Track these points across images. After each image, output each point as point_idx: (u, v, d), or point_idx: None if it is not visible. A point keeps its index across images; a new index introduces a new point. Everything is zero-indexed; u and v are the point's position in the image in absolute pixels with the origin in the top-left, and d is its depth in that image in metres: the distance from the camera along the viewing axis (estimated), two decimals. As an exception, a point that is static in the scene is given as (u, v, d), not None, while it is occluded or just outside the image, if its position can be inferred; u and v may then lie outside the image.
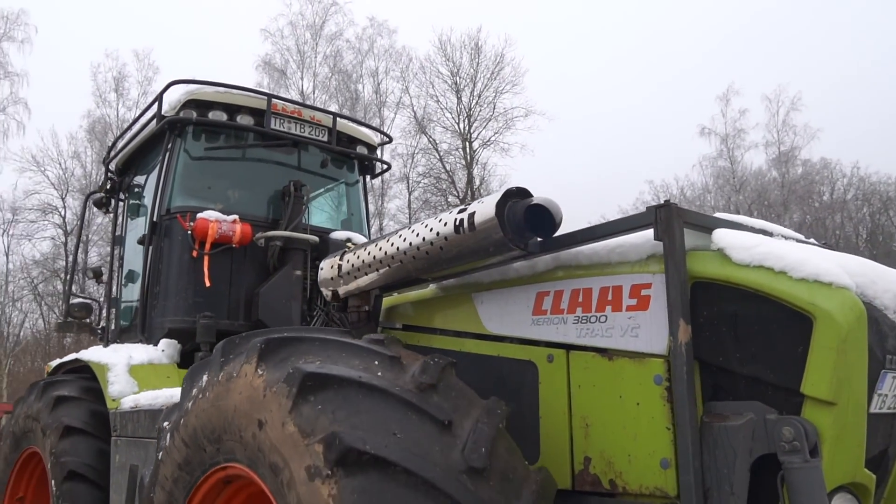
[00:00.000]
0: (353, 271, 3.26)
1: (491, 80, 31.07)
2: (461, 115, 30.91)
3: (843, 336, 2.01)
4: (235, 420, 2.42)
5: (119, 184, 5.84)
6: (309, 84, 29.97)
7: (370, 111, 30.52)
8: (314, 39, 30.26)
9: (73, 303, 5.71)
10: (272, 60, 29.83)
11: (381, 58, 31.13)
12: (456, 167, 30.72)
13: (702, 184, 36.37)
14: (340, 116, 5.53)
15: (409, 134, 30.79)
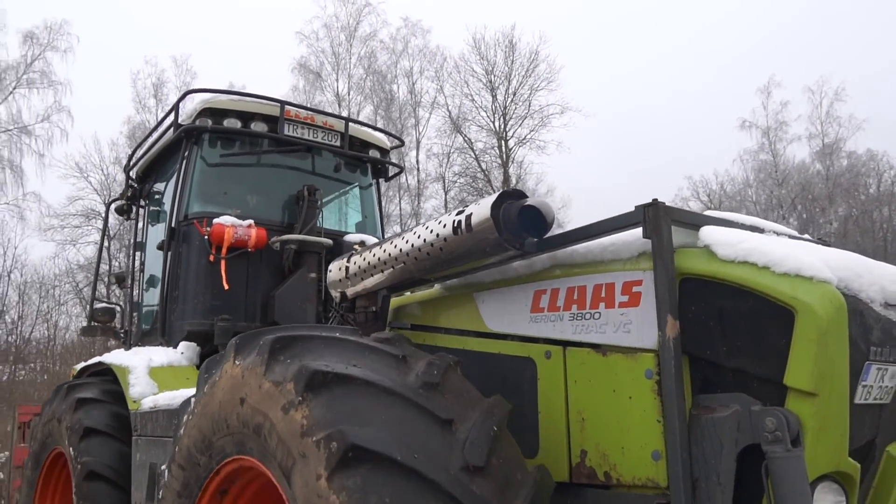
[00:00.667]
0: (360, 273, 3.35)
1: (526, 78, 30.81)
2: (496, 114, 30.77)
3: (824, 328, 2.06)
4: (248, 415, 2.52)
5: (139, 191, 5.99)
6: (344, 85, 30.10)
7: (405, 111, 30.59)
8: (348, 41, 30.31)
9: (96, 307, 5.88)
10: (307, 63, 29.99)
11: (415, 58, 31.10)
12: (492, 166, 30.63)
13: (742, 178, 35.61)
14: (352, 121, 5.64)
15: (445, 133, 30.79)
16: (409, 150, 30.24)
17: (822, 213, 33.11)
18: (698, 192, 35.11)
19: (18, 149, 25.17)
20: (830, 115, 34.01)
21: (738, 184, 35.51)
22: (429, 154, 30.79)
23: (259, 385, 2.41)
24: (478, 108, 30.74)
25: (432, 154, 30.75)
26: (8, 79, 25.01)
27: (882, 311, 2.32)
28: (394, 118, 30.11)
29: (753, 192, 35.03)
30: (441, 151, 30.68)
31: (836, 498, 2.15)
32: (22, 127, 25.19)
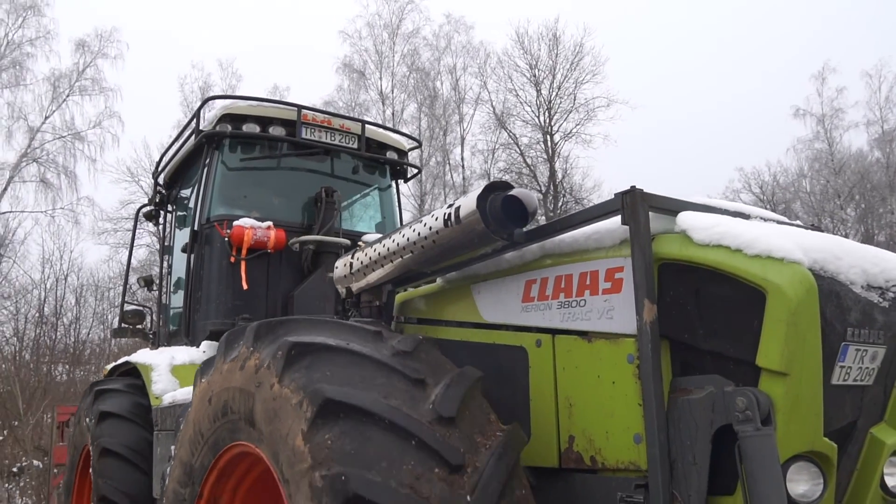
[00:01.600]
0: (363, 268, 3.44)
1: (570, 71, 30.15)
2: (541, 108, 30.19)
3: (793, 308, 2.08)
4: (238, 398, 2.66)
5: (167, 196, 6.18)
6: (388, 83, 29.95)
7: (449, 108, 30.39)
8: (391, 39, 30.25)
9: (126, 310, 6.08)
10: (351, 62, 30.01)
11: (458, 54, 30.81)
12: (537, 161, 30.10)
13: (797, 168, 34.20)
14: (368, 123, 5.74)
15: (489, 129, 30.43)
16: (454, 147, 30.23)
17: (881, 203, 31.81)
18: (750, 183, 33.93)
19: (72, 154, 25.65)
20: (890, 101, 32.11)
21: (792, 174, 34.18)
22: (473, 151, 30.54)
23: (244, 367, 2.55)
24: (522, 103, 30.30)
25: (477, 151, 30.48)
26: (62, 87, 25.57)
27: (862, 293, 2.32)
28: (437, 115, 29.96)
29: (808, 183, 33.57)
30: (486, 148, 30.38)
31: (812, 478, 2.16)
32: (75, 133, 25.67)
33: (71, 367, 14.84)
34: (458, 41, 30.76)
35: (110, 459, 4.57)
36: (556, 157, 29.50)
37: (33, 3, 25.16)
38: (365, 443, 2.18)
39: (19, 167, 24.35)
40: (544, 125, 29.85)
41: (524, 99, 30.13)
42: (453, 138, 30.31)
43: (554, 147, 29.65)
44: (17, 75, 24.91)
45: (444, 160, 29.92)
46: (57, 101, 25.45)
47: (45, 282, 21.46)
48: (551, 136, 29.74)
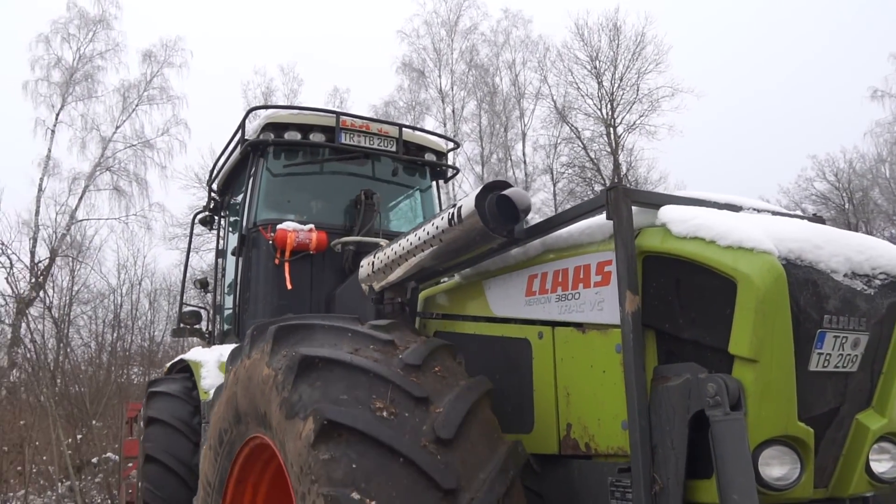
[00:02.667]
0: (384, 267, 3.61)
1: (632, 62, 29.51)
2: (603, 101, 29.60)
3: (761, 297, 2.15)
4: (256, 395, 2.85)
5: (220, 202, 6.50)
6: (447, 81, 30.00)
7: (509, 104, 30.24)
8: (449, 36, 30.27)
9: (184, 311, 6.42)
10: (410, 61, 30.19)
11: (517, 49, 30.55)
12: (601, 154, 29.60)
13: (874, 154, 32.33)
14: (406, 127, 5.91)
15: (551, 124, 30.06)
16: (515, 142, 30.03)
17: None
18: (824, 171, 32.46)
19: (142, 162, 26.62)
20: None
21: (870, 160, 32.49)
22: (535, 146, 30.21)
23: (262, 369, 2.74)
24: (584, 96, 29.76)
25: (539, 146, 30.15)
26: (131, 97, 26.64)
27: (845, 281, 2.36)
28: (497, 111, 29.86)
29: (887, 168, 31.95)
30: (547, 143, 30.01)
31: (788, 462, 2.22)
32: (145, 141, 26.65)
33: (146, 369, 15.54)
34: (516, 36, 30.60)
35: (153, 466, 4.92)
36: (620, 150, 28.91)
37: (103, 18, 26.34)
38: (360, 464, 2.29)
39: (93, 176, 25.38)
40: (607, 118, 29.26)
41: (585, 92, 29.67)
42: (514, 134, 30.16)
43: (617, 140, 29.07)
44: (90, 88, 26.06)
45: (506, 156, 29.78)
46: (127, 111, 26.50)
47: (120, 287, 22.34)
48: (614, 128, 29.16)
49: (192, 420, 5.14)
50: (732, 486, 2.05)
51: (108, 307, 20.52)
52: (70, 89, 25.50)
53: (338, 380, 2.51)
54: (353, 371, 2.54)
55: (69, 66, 25.61)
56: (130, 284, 23.30)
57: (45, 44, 25.54)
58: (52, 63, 25.50)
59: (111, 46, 26.41)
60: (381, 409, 2.44)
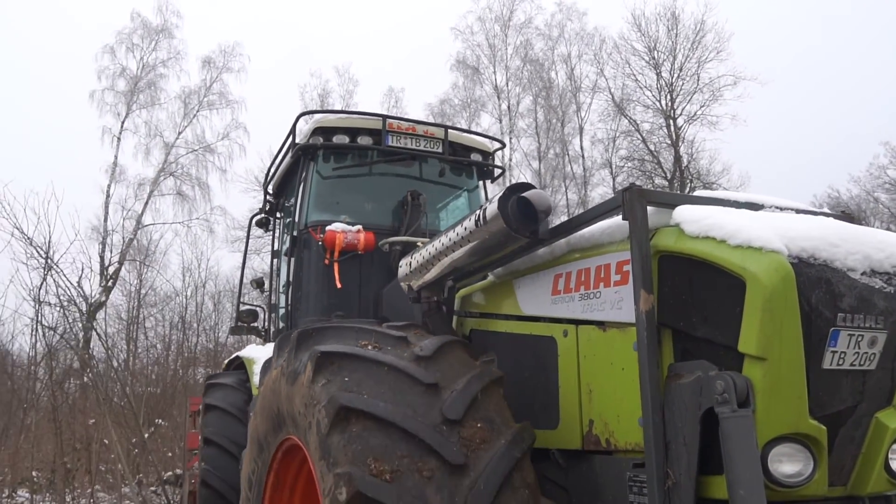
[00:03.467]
0: (420, 267, 3.72)
1: (692, 51, 28.52)
2: (662, 92, 28.77)
3: (768, 296, 2.18)
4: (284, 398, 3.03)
5: (275, 205, 6.72)
6: (502, 77, 29.73)
7: (565, 98, 29.84)
8: (503, 32, 29.99)
9: (242, 310, 6.67)
10: (464, 58, 30.02)
11: (572, 42, 30.08)
12: (661, 147, 28.80)
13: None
14: (451, 128, 6.01)
15: (609, 117, 29.47)
16: (573, 137, 29.64)
17: None
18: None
19: (204, 166, 27.34)
20: None
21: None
22: (593, 140, 29.70)
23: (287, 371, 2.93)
24: (642, 88, 29.00)
25: (597, 140, 29.63)
26: (192, 103, 27.45)
27: (862, 279, 2.36)
28: (554, 106, 29.48)
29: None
30: (606, 136, 29.46)
31: (800, 459, 2.24)
32: (206, 146, 27.37)
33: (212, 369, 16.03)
34: (571, 29, 30.09)
35: (211, 448, 5.18)
36: (681, 142, 28.07)
37: (164, 27, 27.18)
38: (373, 445, 2.44)
39: (158, 181, 26.17)
40: (666, 109, 28.46)
41: (644, 83, 28.91)
42: (571, 128, 29.69)
43: (678, 131, 28.22)
44: (153, 95, 26.92)
45: (563, 151, 29.39)
46: (188, 117, 27.25)
47: (185, 289, 22.94)
48: (674, 119, 28.33)
49: (246, 407, 5.36)
50: (739, 481, 2.09)
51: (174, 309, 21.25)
52: (134, 97, 26.42)
53: (353, 371, 2.67)
54: (367, 363, 2.69)
55: (133, 75, 26.57)
56: (195, 287, 23.93)
57: (110, 54, 26.55)
58: (117, 73, 26.50)
59: (172, 55, 27.29)
60: (393, 394, 2.58)
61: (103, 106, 26.13)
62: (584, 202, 27.78)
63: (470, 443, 2.52)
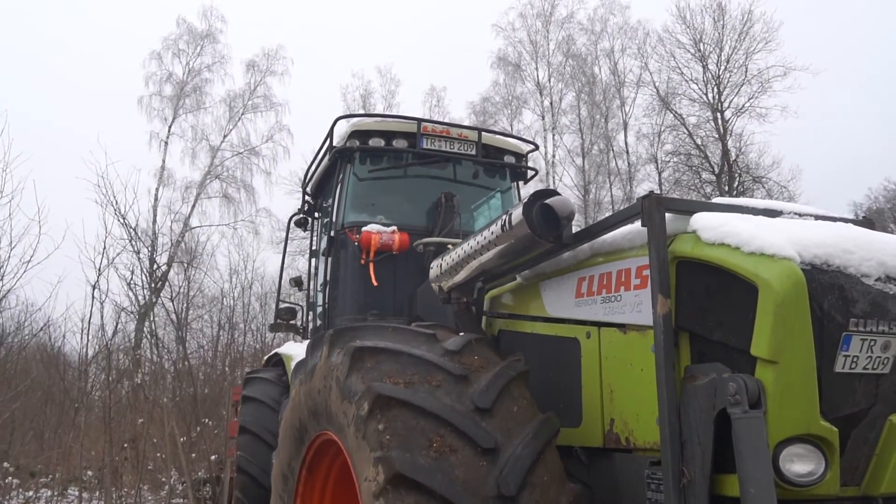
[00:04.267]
0: (450, 269, 3.83)
1: (739, 42, 27.69)
2: (709, 85, 28.06)
3: (780, 301, 2.25)
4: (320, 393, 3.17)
5: (314, 205, 6.89)
6: (544, 73, 29.57)
7: (609, 93, 29.59)
8: (545, 27, 29.83)
9: (281, 307, 6.87)
10: (506, 55, 29.93)
11: (615, 36, 29.80)
12: (708, 141, 28.13)
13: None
14: (485, 131, 6.12)
15: (654, 111, 28.98)
16: (617, 133, 29.37)
17: None
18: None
19: (249, 169, 27.83)
20: None
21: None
22: (638, 135, 29.33)
23: (322, 368, 3.07)
24: (687, 81, 28.32)
25: (641, 135, 29.24)
26: (237, 106, 27.93)
27: (876, 285, 2.41)
28: (597, 102, 29.22)
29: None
30: (651, 131, 29.01)
31: (812, 460, 2.30)
32: (250, 148, 27.84)
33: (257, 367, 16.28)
34: (614, 23, 29.81)
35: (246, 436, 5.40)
36: (728, 136, 27.34)
37: (209, 32, 27.71)
38: (409, 431, 2.59)
39: (204, 184, 26.71)
40: (713, 102, 27.79)
41: (689, 76, 28.26)
42: (615, 124, 29.41)
43: (725, 124, 27.54)
44: (198, 100, 27.47)
45: (607, 147, 29.14)
46: (233, 121, 27.71)
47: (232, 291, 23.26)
48: (721, 113, 27.62)
49: (282, 398, 5.56)
50: (750, 479, 2.17)
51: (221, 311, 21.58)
52: (181, 102, 26.95)
53: (386, 364, 2.82)
54: (399, 356, 2.84)
55: (179, 80, 27.10)
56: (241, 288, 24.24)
57: (157, 60, 27.16)
58: (163, 78, 27.07)
59: (217, 59, 27.80)
60: (427, 384, 2.74)
61: (151, 111, 26.77)
62: (630, 198, 27.41)
63: (501, 430, 2.66)
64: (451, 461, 2.55)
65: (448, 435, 2.58)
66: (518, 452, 2.61)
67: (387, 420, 2.61)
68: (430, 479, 2.50)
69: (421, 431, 2.58)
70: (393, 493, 2.51)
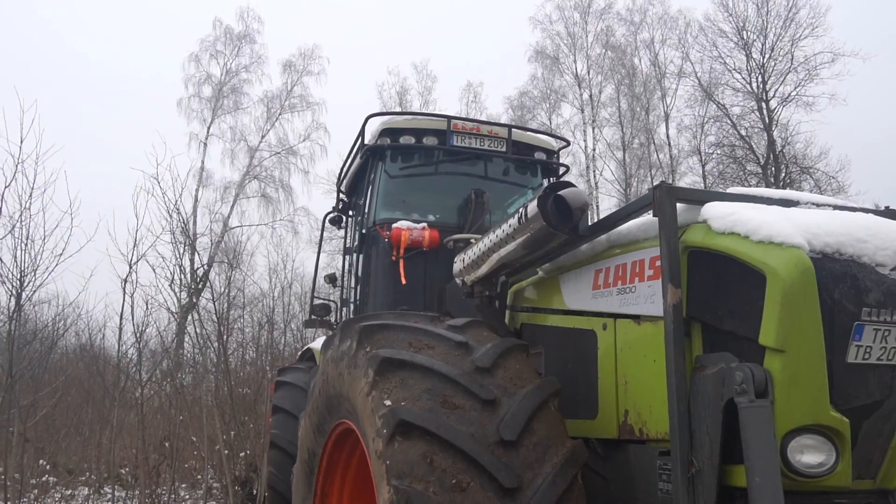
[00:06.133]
0: (472, 263, 3.87)
1: (785, 29, 26.63)
2: (753, 74, 27.08)
3: (787, 290, 2.23)
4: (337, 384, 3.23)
5: (348, 203, 6.98)
6: (582, 65, 29.10)
7: (649, 85, 29.09)
8: (583, 19, 29.38)
9: (315, 304, 6.97)
10: (543, 48, 29.50)
11: (655, 27, 29.17)
12: (752, 131, 27.23)
13: None
14: (515, 127, 6.14)
15: (696, 102, 28.25)
16: (658, 125, 28.87)
17: None
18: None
19: (286, 168, 28.12)
20: None
21: None
22: (679, 127, 28.68)
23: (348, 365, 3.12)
24: (730, 71, 27.48)
25: (683, 127, 28.59)
26: (274, 106, 28.24)
27: (891, 274, 2.38)
28: (637, 94, 28.74)
29: None
30: (693, 123, 28.32)
31: (822, 450, 2.28)
32: (288, 148, 28.12)
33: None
34: (653, 13, 29.21)
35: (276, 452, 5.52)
36: (774, 126, 26.43)
37: (247, 33, 28.07)
38: (429, 462, 2.55)
39: (243, 185, 27.08)
40: (758, 92, 26.91)
41: (733, 66, 27.38)
42: (656, 116, 28.85)
43: (770, 114, 26.62)
44: (236, 101, 27.84)
45: (648, 140, 28.57)
46: (271, 121, 28.01)
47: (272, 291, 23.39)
48: (766, 102, 26.71)
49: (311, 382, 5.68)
50: (755, 469, 2.16)
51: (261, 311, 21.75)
52: (219, 103, 27.31)
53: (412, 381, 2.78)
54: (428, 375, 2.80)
55: (218, 82, 27.47)
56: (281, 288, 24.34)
57: (195, 62, 27.58)
58: (202, 80, 27.48)
59: (254, 60, 28.13)
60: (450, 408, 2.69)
61: (190, 113, 27.19)
62: (673, 191, 26.84)
63: (526, 463, 2.61)
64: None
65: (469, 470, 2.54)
66: (542, 492, 2.56)
67: (405, 447, 2.58)
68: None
69: (442, 466, 2.55)
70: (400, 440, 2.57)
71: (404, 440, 2.58)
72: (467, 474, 2.52)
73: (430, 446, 2.56)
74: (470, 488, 2.49)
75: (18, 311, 8.41)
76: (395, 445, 2.58)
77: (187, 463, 10.39)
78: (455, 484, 2.50)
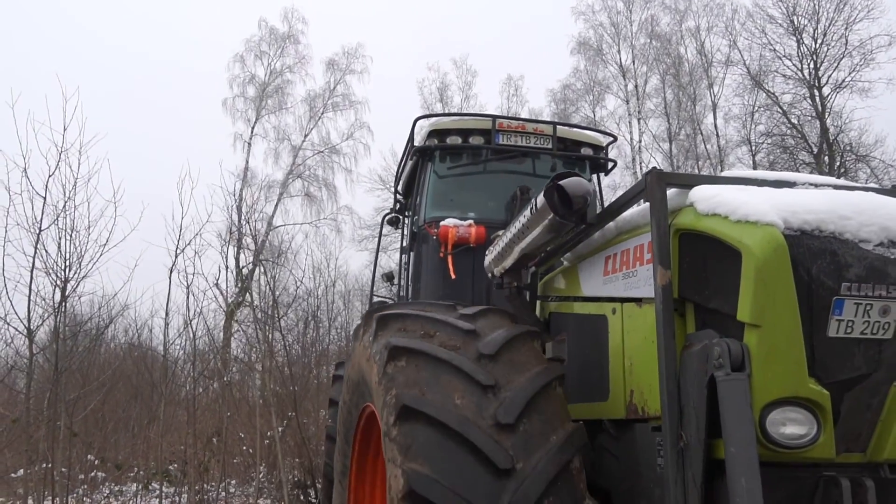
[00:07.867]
0: (499, 255, 4.02)
1: (838, 12, 25.32)
2: (804, 60, 25.86)
3: (760, 266, 2.30)
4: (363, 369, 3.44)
5: (404, 204, 7.22)
6: (627, 56, 28.48)
7: (696, 74, 28.11)
8: (627, 8, 28.71)
9: (374, 301, 7.23)
10: (587, 40, 28.91)
11: (701, 14, 28.13)
12: (804, 120, 25.97)
13: None
14: (560, 124, 6.22)
15: (745, 91, 27.06)
16: (705, 115, 27.87)
17: None
18: None
19: (330, 167, 28.22)
20: None
21: None
22: (727, 117, 27.55)
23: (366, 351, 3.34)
24: (780, 58, 26.16)
25: (731, 116, 27.48)
26: (317, 105, 28.42)
27: (876, 250, 2.40)
28: (683, 84, 27.84)
29: None
30: (742, 112, 27.14)
31: (803, 422, 2.33)
32: (331, 147, 28.24)
33: (344, 366, 16.42)
34: (699, 1, 28.14)
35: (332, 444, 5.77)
36: (827, 113, 25.09)
37: (291, 34, 28.34)
38: (430, 445, 2.72)
39: (287, 184, 27.28)
40: (810, 78, 25.60)
41: (783, 52, 26.11)
42: (703, 106, 27.81)
43: (823, 101, 25.29)
44: (280, 100, 28.07)
45: (695, 131, 27.57)
46: (314, 120, 28.14)
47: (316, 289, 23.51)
48: (819, 89, 25.37)
49: None
50: (731, 440, 2.24)
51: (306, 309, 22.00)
52: (263, 103, 27.57)
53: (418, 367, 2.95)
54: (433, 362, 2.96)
55: (262, 82, 27.76)
56: (325, 286, 24.42)
57: (240, 63, 27.91)
58: (246, 80, 27.80)
59: (298, 59, 28.33)
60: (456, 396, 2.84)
61: (235, 113, 27.49)
62: (721, 182, 25.82)
63: (523, 445, 2.73)
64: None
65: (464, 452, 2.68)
66: (537, 472, 2.68)
67: (408, 432, 2.75)
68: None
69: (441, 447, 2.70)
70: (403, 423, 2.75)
71: (407, 423, 2.76)
72: (465, 456, 2.67)
73: (431, 429, 2.72)
74: (466, 469, 2.64)
75: (63, 302, 8.32)
76: (399, 428, 2.76)
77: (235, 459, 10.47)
78: (453, 465, 2.65)
